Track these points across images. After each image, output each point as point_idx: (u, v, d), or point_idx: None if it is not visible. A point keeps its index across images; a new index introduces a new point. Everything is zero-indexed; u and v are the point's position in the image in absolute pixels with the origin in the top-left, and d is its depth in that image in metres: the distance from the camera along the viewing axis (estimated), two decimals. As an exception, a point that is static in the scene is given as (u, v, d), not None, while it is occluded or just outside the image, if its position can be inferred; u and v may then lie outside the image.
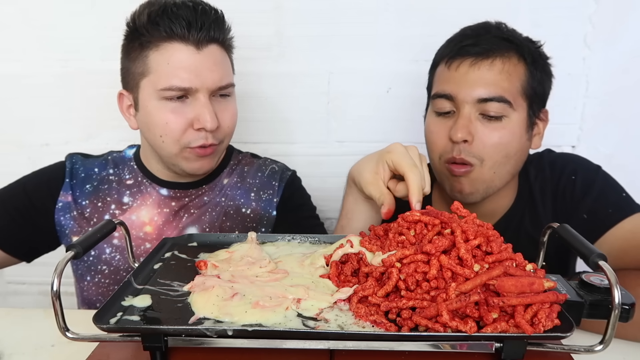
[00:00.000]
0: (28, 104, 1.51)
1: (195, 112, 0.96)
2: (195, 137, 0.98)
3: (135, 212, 1.09)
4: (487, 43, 0.95)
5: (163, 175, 1.11)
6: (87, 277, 1.10)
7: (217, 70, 0.97)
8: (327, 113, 1.47)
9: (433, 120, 1.00)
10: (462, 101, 0.95)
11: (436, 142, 0.99)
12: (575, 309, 0.60)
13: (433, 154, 1.01)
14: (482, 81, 0.93)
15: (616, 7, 1.33)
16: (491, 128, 0.94)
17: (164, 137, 0.98)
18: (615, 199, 1.00)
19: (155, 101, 0.97)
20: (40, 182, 1.10)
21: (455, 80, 0.95)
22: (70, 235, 1.09)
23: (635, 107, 1.40)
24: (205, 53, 0.96)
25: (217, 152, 1.05)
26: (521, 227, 1.06)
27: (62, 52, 1.45)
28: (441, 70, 1.00)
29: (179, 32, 0.93)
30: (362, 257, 0.69)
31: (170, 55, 0.94)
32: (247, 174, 1.16)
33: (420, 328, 0.57)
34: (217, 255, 0.78)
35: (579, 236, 0.62)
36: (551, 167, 1.07)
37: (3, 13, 1.44)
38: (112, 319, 0.59)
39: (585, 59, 1.38)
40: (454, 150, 0.96)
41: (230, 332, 0.56)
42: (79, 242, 0.62)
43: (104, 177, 1.12)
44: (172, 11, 0.93)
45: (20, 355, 0.73)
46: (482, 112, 0.94)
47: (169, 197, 1.10)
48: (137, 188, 1.11)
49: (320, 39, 1.41)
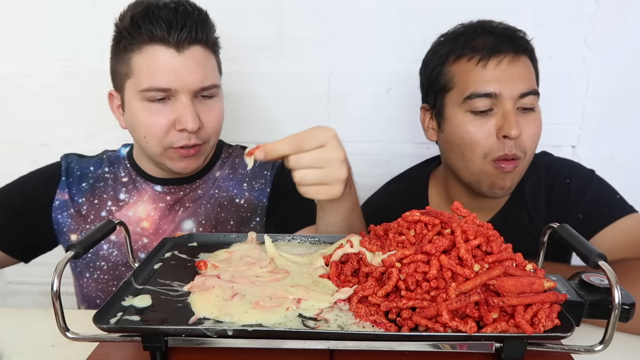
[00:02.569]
0: (28, 104, 1.51)
1: (177, 113, 0.97)
2: (178, 137, 0.98)
3: (131, 208, 1.11)
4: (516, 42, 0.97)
5: (155, 173, 1.12)
6: (86, 274, 1.11)
7: (198, 71, 0.97)
8: (327, 113, 1.47)
9: (469, 120, 0.97)
10: (506, 97, 0.94)
11: (479, 141, 0.97)
12: (575, 309, 0.60)
13: (475, 154, 0.98)
14: (521, 76, 0.96)
15: (616, 7, 1.33)
16: (529, 120, 0.97)
17: (148, 138, 0.99)
18: (610, 200, 1.02)
19: (138, 102, 0.98)
20: (37, 182, 1.11)
21: (496, 78, 0.95)
22: (68, 233, 1.10)
23: (635, 107, 1.39)
24: (187, 55, 0.95)
25: (203, 152, 1.05)
26: (518, 222, 1.07)
27: (62, 52, 1.45)
28: (470, 68, 0.97)
29: (159, 34, 0.93)
30: (362, 257, 0.69)
31: (151, 57, 0.94)
32: (239, 165, 1.18)
33: (420, 328, 0.57)
34: (217, 256, 0.78)
35: (579, 236, 0.62)
36: (546, 169, 1.08)
37: (3, 13, 1.44)
38: (112, 319, 0.59)
39: (585, 59, 1.37)
40: (505, 147, 0.95)
41: (230, 332, 0.56)
42: (79, 242, 0.62)
43: (100, 175, 1.13)
44: (154, 13, 0.93)
45: (20, 355, 0.73)
46: (519, 106, 0.96)
47: (163, 193, 1.12)
48: (132, 185, 1.12)
49: (320, 39, 1.41)
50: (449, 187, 1.12)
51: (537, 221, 1.06)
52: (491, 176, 0.98)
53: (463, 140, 0.98)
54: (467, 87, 0.97)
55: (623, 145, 1.42)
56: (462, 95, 0.97)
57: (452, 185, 1.11)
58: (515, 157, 0.96)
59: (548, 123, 1.29)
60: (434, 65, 1.04)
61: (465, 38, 0.99)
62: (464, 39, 0.99)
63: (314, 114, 1.48)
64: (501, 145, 0.95)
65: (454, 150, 1.01)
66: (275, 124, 1.50)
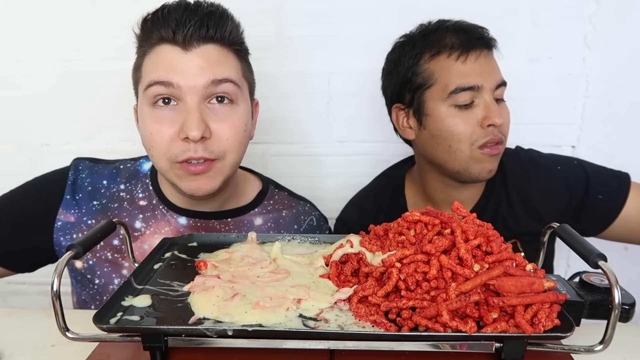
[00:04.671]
0: (28, 104, 1.50)
1: (182, 120, 0.85)
2: (182, 149, 0.85)
3: (147, 241, 0.97)
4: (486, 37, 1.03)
5: (177, 200, 0.98)
6: (91, 306, 1.03)
7: (208, 69, 0.86)
8: (327, 113, 1.47)
9: (454, 113, 1.01)
10: (486, 89, 1.00)
11: (466, 132, 1.01)
12: (575, 309, 0.60)
13: (462, 144, 1.02)
14: (495, 69, 1.03)
15: (616, 7, 1.33)
16: (503, 108, 1.04)
17: (152, 150, 0.89)
18: (608, 172, 1.10)
19: (146, 108, 0.88)
20: (37, 195, 1.01)
21: (476, 71, 1.00)
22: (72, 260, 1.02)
23: (635, 107, 1.39)
24: (195, 53, 0.86)
25: (219, 171, 0.90)
26: (498, 214, 1.11)
27: (62, 52, 1.45)
28: (450, 64, 1.01)
29: (165, 34, 0.86)
30: (362, 257, 0.69)
31: (155, 55, 0.87)
32: (284, 223, 1.05)
33: (420, 328, 0.57)
34: (217, 256, 0.78)
35: (579, 236, 0.62)
36: (531, 162, 1.13)
37: (3, 13, 1.44)
38: (112, 319, 0.59)
39: (585, 59, 1.37)
40: (490, 134, 1.00)
41: (230, 332, 0.56)
42: (79, 242, 0.62)
43: (114, 193, 1.01)
44: (162, 14, 0.87)
45: (20, 355, 0.73)
46: (495, 97, 1.02)
47: (188, 228, 0.98)
48: (151, 212, 0.98)
49: (320, 39, 1.41)
50: (426, 184, 1.15)
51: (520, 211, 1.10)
52: (479, 161, 1.03)
53: (450, 132, 1.02)
54: (451, 82, 1.00)
55: (623, 145, 1.42)
56: (447, 91, 1.00)
57: (429, 182, 1.14)
58: (500, 140, 1.02)
59: (548, 123, 1.29)
60: (408, 65, 1.06)
61: (438, 36, 1.03)
62: (437, 37, 1.03)
63: (314, 114, 1.48)
64: (485, 133, 1.00)
65: (439, 144, 1.04)
66: (276, 124, 1.50)
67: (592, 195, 1.06)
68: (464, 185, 1.09)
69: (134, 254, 0.80)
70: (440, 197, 1.13)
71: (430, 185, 1.14)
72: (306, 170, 1.50)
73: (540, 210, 1.08)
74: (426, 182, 1.15)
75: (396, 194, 1.20)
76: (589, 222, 1.08)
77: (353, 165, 1.49)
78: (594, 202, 1.06)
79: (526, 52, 1.37)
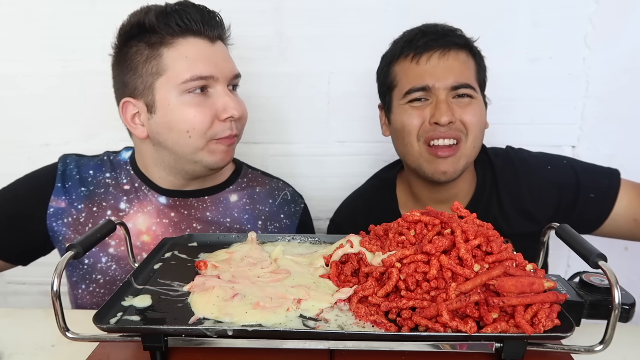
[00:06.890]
0: (28, 104, 1.50)
1: (220, 103, 0.98)
2: (223, 127, 0.99)
3: (131, 220, 1.06)
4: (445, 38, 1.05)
5: (163, 182, 1.08)
6: (81, 285, 1.07)
7: (229, 60, 1.03)
8: (327, 113, 1.47)
9: (408, 110, 1.06)
10: (439, 89, 1.03)
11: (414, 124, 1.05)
12: (575, 309, 0.60)
13: (411, 137, 1.06)
14: (451, 69, 1.04)
15: (616, 7, 1.33)
16: (463, 105, 1.05)
17: (191, 132, 0.97)
18: (598, 169, 1.11)
19: (176, 97, 0.97)
20: (30, 188, 1.08)
21: (428, 72, 1.04)
22: (64, 242, 1.06)
23: (635, 107, 1.39)
24: (217, 46, 1.01)
25: (235, 145, 1.06)
26: (488, 214, 1.11)
27: (62, 52, 1.45)
28: (407, 66, 1.07)
29: (193, 27, 0.96)
30: (362, 257, 0.69)
31: (187, 49, 0.96)
32: (258, 198, 1.14)
33: (420, 328, 0.57)
34: (217, 256, 0.78)
35: (579, 236, 0.62)
36: (522, 162, 1.14)
37: (3, 13, 1.44)
38: (112, 319, 0.59)
39: (585, 59, 1.37)
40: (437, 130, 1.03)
41: (230, 332, 0.56)
42: (79, 242, 0.62)
43: (100, 180, 1.09)
44: (180, 9, 0.96)
45: (20, 355, 0.73)
46: (455, 95, 1.04)
47: (168, 206, 1.07)
48: (134, 194, 1.08)
49: (320, 39, 1.41)
50: (412, 185, 1.18)
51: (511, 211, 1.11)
52: (430, 162, 1.06)
53: (403, 126, 1.07)
54: (406, 83, 1.06)
55: (623, 145, 1.42)
56: (403, 91, 1.06)
57: (414, 183, 1.17)
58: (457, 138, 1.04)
59: (548, 123, 1.29)
60: (382, 67, 1.14)
61: (405, 40, 1.08)
62: (404, 41, 1.08)
63: (314, 114, 1.48)
64: (432, 129, 1.03)
65: (398, 137, 1.10)
66: (276, 124, 1.50)
67: (583, 194, 1.07)
68: (441, 184, 1.10)
69: (134, 254, 0.80)
70: (425, 195, 1.15)
71: (413, 184, 1.17)
72: (306, 170, 1.50)
73: (531, 210, 1.09)
74: (412, 183, 1.18)
75: (388, 195, 1.22)
76: (582, 220, 1.08)
77: (353, 165, 1.49)
78: (586, 200, 1.07)
79: (526, 52, 1.37)
